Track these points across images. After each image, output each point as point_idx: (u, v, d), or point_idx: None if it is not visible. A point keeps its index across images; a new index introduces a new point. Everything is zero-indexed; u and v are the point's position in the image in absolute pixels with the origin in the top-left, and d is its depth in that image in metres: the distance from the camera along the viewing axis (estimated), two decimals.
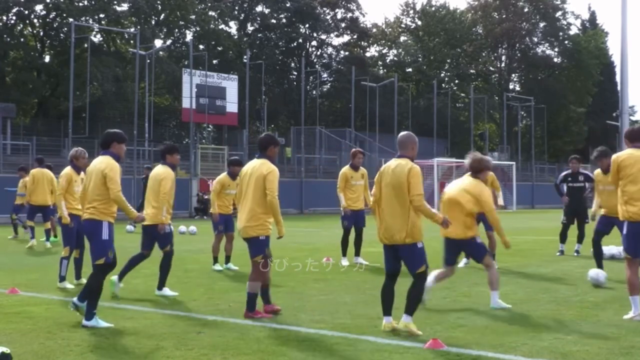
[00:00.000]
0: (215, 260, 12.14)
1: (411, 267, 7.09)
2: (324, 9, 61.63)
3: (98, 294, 7.46)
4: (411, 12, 69.78)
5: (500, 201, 12.80)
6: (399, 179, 7.01)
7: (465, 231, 8.27)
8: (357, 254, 12.89)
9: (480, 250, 8.46)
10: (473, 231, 8.34)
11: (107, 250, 7.48)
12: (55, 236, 17.60)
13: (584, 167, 24.11)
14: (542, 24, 69.55)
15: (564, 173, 14.92)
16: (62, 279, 10.04)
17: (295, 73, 57.78)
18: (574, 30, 72.05)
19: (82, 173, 10.20)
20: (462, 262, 12.38)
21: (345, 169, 12.96)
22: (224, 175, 12.33)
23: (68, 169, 10.23)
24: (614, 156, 8.07)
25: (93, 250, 7.55)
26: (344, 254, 12.84)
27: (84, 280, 10.06)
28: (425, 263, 7.10)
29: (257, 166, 7.83)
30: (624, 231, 7.85)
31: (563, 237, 14.61)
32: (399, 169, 7.06)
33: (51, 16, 45.05)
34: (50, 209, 16.30)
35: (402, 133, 7.48)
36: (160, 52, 45.89)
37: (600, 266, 10.79)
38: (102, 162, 7.58)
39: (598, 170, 11.23)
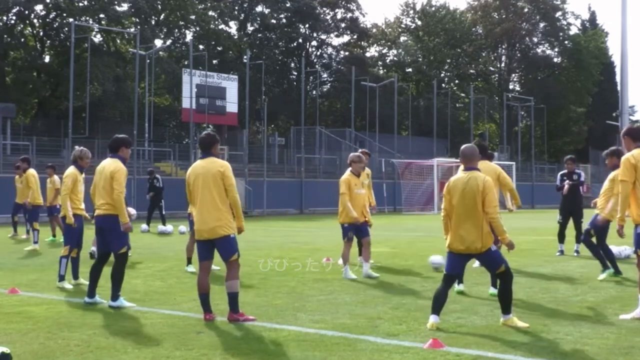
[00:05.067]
0: (189, 262, 11.77)
1: (492, 269, 7.44)
2: (324, 9, 61.64)
3: (122, 279, 8.47)
4: (411, 12, 69.81)
5: (509, 204, 11.46)
6: (474, 192, 7.20)
7: None
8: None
9: None
10: None
11: (126, 240, 8.49)
12: (54, 236, 17.70)
13: (583, 167, 24.14)
14: (542, 24, 69.56)
15: (560, 173, 15.01)
16: (62, 278, 9.99)
17: (295, 73, 57.80)
18: (574, 30, 72.11)
19: (83, 173, 10.20)
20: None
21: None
22: None
23: (73, 169, 10.01)
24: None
25: (114, 241, 8.42)
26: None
27: (82, 280, 10.07)
28: (503, 262, 7.31)
29: (207, 165, 7.66)
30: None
31: (561, 237, 14.62)
32: (472, 182, 7.23)
33: (51, 16, 45.07)
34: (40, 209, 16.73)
35: (468, 145, 7.63)
36: (160, 52, 45.90)
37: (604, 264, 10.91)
38: (112, 165, 8.49)
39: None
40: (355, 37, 64.73)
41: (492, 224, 7.19)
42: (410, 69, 67.22)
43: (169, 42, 50.64)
